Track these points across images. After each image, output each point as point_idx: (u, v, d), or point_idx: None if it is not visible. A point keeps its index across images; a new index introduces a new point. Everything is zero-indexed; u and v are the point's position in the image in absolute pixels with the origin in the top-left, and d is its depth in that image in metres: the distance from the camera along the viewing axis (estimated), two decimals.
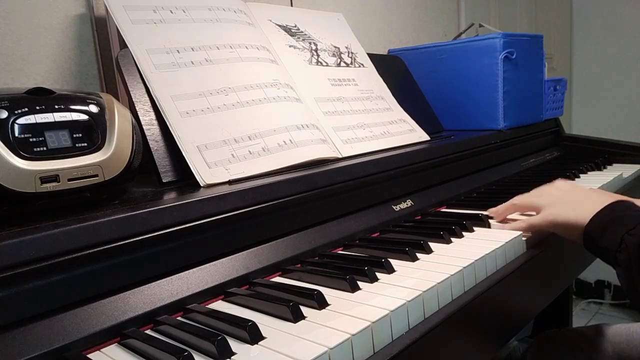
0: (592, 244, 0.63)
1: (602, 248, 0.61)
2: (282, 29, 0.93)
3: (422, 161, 0.86)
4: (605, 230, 0.61)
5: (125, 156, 0.56)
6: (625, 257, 0.57)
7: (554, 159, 1.31)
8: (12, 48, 0.76)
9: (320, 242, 0.67)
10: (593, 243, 0.63)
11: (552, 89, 1.33)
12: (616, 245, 0.59)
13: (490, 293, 0.58)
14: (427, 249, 0.65)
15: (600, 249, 0.61)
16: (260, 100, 0.76)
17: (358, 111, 0.92)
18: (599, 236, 0.61)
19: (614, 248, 0.59)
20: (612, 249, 0.59)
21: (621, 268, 0.58)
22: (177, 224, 0.53)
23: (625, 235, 0.58)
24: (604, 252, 0.61)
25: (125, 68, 0.70)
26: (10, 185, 0.48)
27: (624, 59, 2.41)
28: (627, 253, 0.57)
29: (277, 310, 0.49)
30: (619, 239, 0.58)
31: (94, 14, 0.84)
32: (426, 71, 1.21)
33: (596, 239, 0.62)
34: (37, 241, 0.44)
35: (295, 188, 0.65)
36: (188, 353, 0.41)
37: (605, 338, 0.86)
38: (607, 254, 0.61)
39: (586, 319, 2.16)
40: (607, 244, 0.60)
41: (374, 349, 0.45)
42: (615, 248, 0.59)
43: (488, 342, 0.62)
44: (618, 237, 0.59)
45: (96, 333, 0.45)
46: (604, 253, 0.61)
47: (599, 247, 0.61)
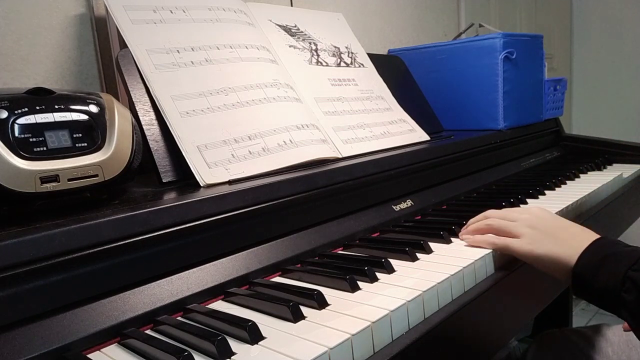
0: (585, 286, 0.56)
1: (598, 289, 0.55)
2: (282, 29, 0.93)
3: (422, 161, 0.86)
4: (600, 270, 0.55)
5: (125, 156, 0.56)
6: (634, 296, 0.52)
7: (554, 159, 1.31)
8: (12, 48, 0.76)
9: (320, 242, 0.67)
10: (586, 285, 0.56)
11: (552, 89, 1.33)
12: (619, 285, 0.53)
13: (490, 293, 0.58)
14: (427, 249, 0.65)
15: (597, 290, 0.55)
16: (260, 100, 0.76)
17: (358, 111, 0.92)
18: (593, 277, 0.55)
19: (617, 288, 0.53)
20: (614, 289, 0.53)
21: (630, 310, 0.52)
22: (177, 224, 0.53)
23: (629, 272, 0.52)
24: (602, 294, 0.55)
25: (125, 68, 0.70)
26: (10, 185, 0.48)
27: (624, 59, 2.41)
28: (636, 291, 0.51)
29: (277, 310, 0.49)
30: (621, 278, 0.53)
31: (94, 14, 0.84)
32: (426, 71, 1.21)
33: (590, 280, 0.56)
34: (37, 241, 0.44)
35: (295, 188, 0.65)
36: (188, 353, 0.41)
37: (605, 338, 0.86)
38: (606, 295, 0.55)
39: (586, 319, 2.16)
40: (606, 285, 0.54)
41: (374, 349, 0.45)
42: (619, 288, 0.53)
43: (488, 342, 0.62)
44: (619, 276, 0.53)
45: (96, 333, 0.45)
46: (602, 295, 0.55)
47: (595, 288, 0.55)
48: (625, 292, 0.52)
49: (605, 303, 0.56)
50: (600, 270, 0.55)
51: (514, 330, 0.83)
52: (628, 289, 0.52)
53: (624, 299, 0.53)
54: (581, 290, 0.57)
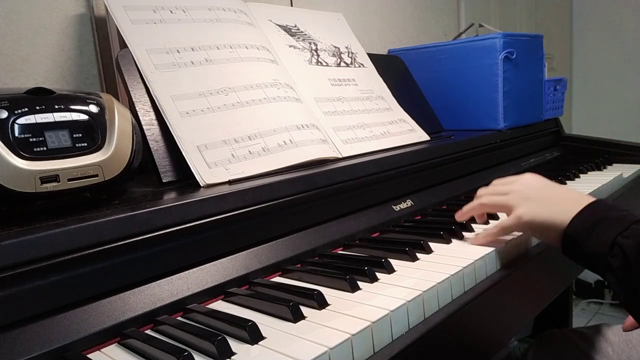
0: (574, 248, 0.57)
1: (587, 253, 0.55)
2: (282, 29, 0.93)
3: (422, 161, 0.86)
4: (590, 234, 0.55)
5: (125, 156, 0.56)
6: (620, 262, 0.52)
7: (554, 159, 1.31)
8: (12, 48, 0.76)
9: (320, 242, 0.67)
10: (575, 248, 0.57)
11: (552, 89, 1.33)
12: (607, 250, 0.53)
13: (490, 293, 0.58)
14: (427, 249, 0.65)
15: (585, 254, 0.56)
16: (260, 100, 0.76)
17: (358, 111, 0.92)
18: (583, 240, 0.56)
19: (604, 253, 0.53)
20: (601, 253, 0.54)
21: (615, 274, 0.53)
22: (177, 224, 0.53)
23: (618, 238, 0.53)
24: (590, 258, 0.55)
25: (125, 68, 0.70)
26: (10, 185, 0.48)
27: (624, 59, 2.41)
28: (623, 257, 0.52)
29: (277, 310, 0.49)
30: (610, 243, 0.53)
31: (94, 14, 0.84)
32: (426, 71, 1.21)
33: (580, 244, 0.56)
34: (37, 241, 0.44)
35: (295, 188, 0.65)
36: (188, 353, 0.41)
37: (605, 338, 0.86)
38: (594, 259, 0.55)
39: (586, 319, 2.16)
40: (595, 249, 0.54)
41: (374, 349, 0.45)
42: (607, 252, 0.53)
43: (488, 342, 0.62)
44: (608, 241, 0.53)
45: (96, 333, 0.45)
46: (590, 258, 0.56)
47: (584, 252, 0.56)
48: (612, 257, 0.53)
49: (592, 266, 0.56)
50: (590, 234, 0.55)
51: (514, 330, 0.83)
52: (615, 254, 0.53)
53: (610, 264, 0.53)
54: (571, 251, 0.58)
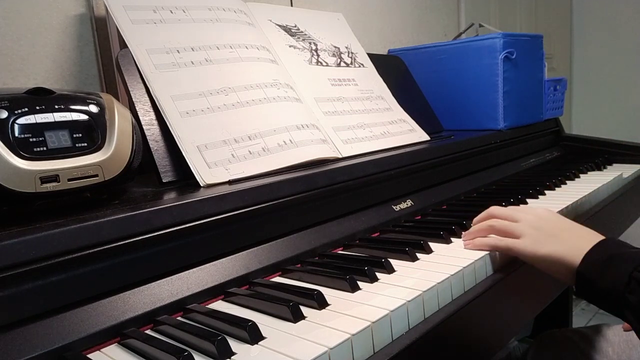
0: (589, 287, 0.56)
1: (602, 290, 0.54)
2: (282, 29, 0.93)
3: (422, 161, 0.86)
4: (605, 271, 0.54)
5: (125, 156, 0.56)
6: (639, 297, 0.51)
7: (554, 159, 1.31)
8: (12, 48, 0.76)
9: (320, 242, 0.67)
10: (590, 286, 0.56)
11: (552, 89, 1.33)
12: (623, 285, 0.52)
13: (490, 293, 0.58)
14: (427, 249, 0.65)
15: (601, 291, 0.55)
16: (260, 100, 0.76)
17: (358, 111, 0.92)
18: (597, 278, 0.54)
19: (621, 289, 0.52)
20: (618, 290, 0.53)
21: (634, 311, 0.52)
22: (177, 224, 0.53)
23: (634, 273, 0.52)
24: (607, 296, 0.54)
25: (125, 68, 0.70)
26: (10, 185, 0.48)
27: (623, 59, 2.41)
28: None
29: (277, 310, 0.49)
30: (626, 278, 0.52)
31: (94, 14, 0.84)
32: (426, 71, 1.21)
33: (594, 281, 0.55)
34: (37, 241, 0.44)
35: (295, 188, 0.65)
36: (188, 353, 0.41)
37: (605, 338, 0.86)
38: (611, 297, 0.54)
39: (586, 319, 2.16)
40: (610, 286, 0.53)
41: (374, 349, 0.45)
42: (623, 288, 0.52)
43: (488, 342, 0.62)
44: (624, 276, 0.52)
45: (96, 333, 0.45)
46: (607, 296, 0.54)
47: (599, 289, 0.55)
48: (630, 292, 0.52)
49: (608, 304, 0.55)
50: (605, 271, 0.54)
51: (514, 330, 0.83)
52: (633, 289, 0.51)
53: (628, 300, 0.52)
54: (585, 290, 0.57)
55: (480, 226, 0.67)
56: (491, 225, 0.66)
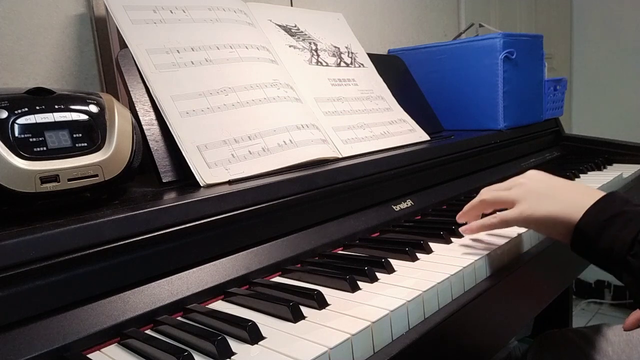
0: (587, 244, 0.54)
1: (602, 249, 0.52)
2: (282, 29, 0.93)
3: (422, 161, 0.86)
4: (606, 229, 0.51)
5: (125, 156, 0.56)
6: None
7: (554, 159, 1.31)
8: (12, 48, 0.76)
9: (320, 242, 0.67)
10: (588, 243, 0.53)
11: (552, 89, 1.33)
12: (626, 247, 0.50)
13: (491, 293, 0.58)
14: (427, 249, 0.65)
15: (600, 250, 0.52)
16: (260, 100, 0.76)
17: (358, 111, 0.92)
18: (597, 235, 0.52)
19: (623, 250, 0.50)
20: (620, 251, 0.50)
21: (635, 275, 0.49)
22: (177, 224, 0.53)
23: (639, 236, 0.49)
24: (605, 255, 0.52)
25: (125, 68, 0.70)
26: (10, 185, 0.48)
27: (624, 59, 2.41)
28: None
29: (277, 310, 0.49)
30: (630, 240, 0.49)
31: (94, 14, 0.84)
32: (426, 71, 1.21)
33: (593, 239, 0.53)
34: (37, 241, 0.44)
35: (295, 188, 0.65)
36: (188, 353, 0.41)
37: (605, 338, 0.86)
38: (610, 257, 0.52)
39: (586, 319, 2.16)
40: (611, 245, 0.51)
41: (374, 349, 0.45)
42: (625, 250, 0.50)
43: (488, 342, 0.62)
44: (628, 238, 0.50)
45: (96, 333, 0.45)
46: (605, 256, 0.52)
47: (598, 248, 0.52)
48: (633, 256, 0.49)
49: (607, 264, 0.53)
50: (606, 230, 0.52)
51: (514, 330, 0.83)
52: (636, 253, 0.49)
53: (630, 263, 0.49)
54: (582, 247, 0.54)
55: (471, 203, 0.66)
56: (483, 199, 0.64)
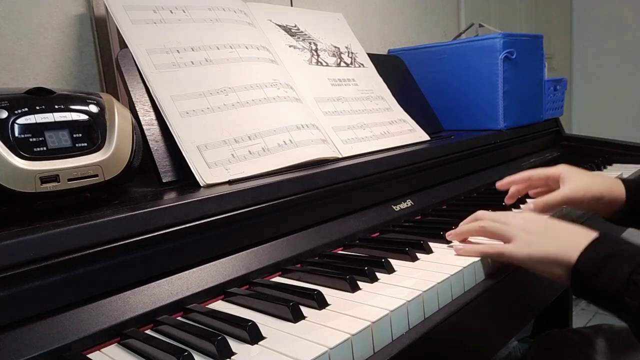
0: (586, 286, 0.54)
1: (600, 291, 0.53)
2: (282, 29, 0.93)
3: (422, 161, 0.86)
4: (602, 269, 0.52)
5: (125, 156, 0.56)
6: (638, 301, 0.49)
7: (554, 159, 1.30)
8: (12, 48, 0.76)
9: (320, 242, 0.67)
10: (587, 285, 0.54)
11: (552, 89, 1.33)
12: (622, 288, 0.50)
13: (491, 293, 0.58)
14: (427, 249, 0.65)
15: (598, 291, 0.53)
16: (260, 100, 0.76)
17: (358, 111, 0.92)
18: (594, 276, 0.53)
19: (620, 291, 0.51)
20: (617, 292, 0.51)
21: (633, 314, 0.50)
22: (177, 224, 0.53)
23: (633, 275, 0.50)
24: (604, 296, 0.53)
25: (125, 68, 0.70)
26: (10, 185, 0.48)
27: (624, 59, 2.41)
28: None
29: (277, 310, 0.49)
30: (625, 280, 0.50)
31: (94, 14, 0.84)
32: (426, 71, 1.21)
33: (591, 280, 0.53)
34: (37, 241, 0.44)
35: (295, 188, 0.65)
36: (188, 353, 0.41)
37: (605, 338, 0.86)
38: (609, 298, 0.52)
39: (586, 319, 2.16)
40: (609, 286, 0.52)
41: (374, 349, 0.45)
42: (622, 291, 0.50)
43: (488, 342, 0.62)
44: (623, 277, 0.50)
45: (96, 333, 0.45)
46: (604, 297, 0.53)
47: (596, 289, 0.53)
48: (629, 296, 0.50)
49: (606, 305, 0.54)
50: (602, 270, 0.52)
51: (514, 330, 0.83)
52: (632, 293, 0.50)
53: (627, 303, 0.50)
54: (581, 290, 0.55)
55: (470, 227, 0.65)
56: (482, 226, 0.64)
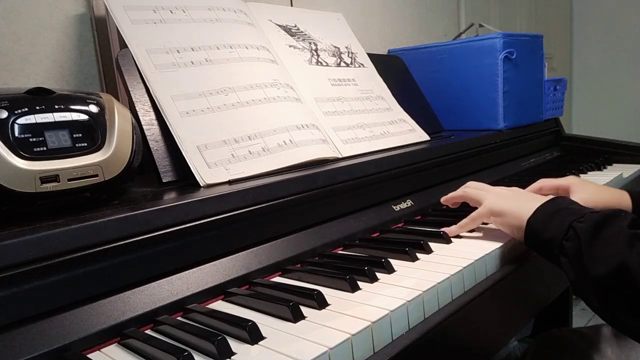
0: (535, 237, 0.60)
1: (546, 240, 0.58)
2: (282, 29, 0.93)
3: (422, 161, 0.86)
4: (550, 221, 0.58)
5: (125, 156, 0.56)
6: (573, 244, 0.54)
7: (554, 159, 1.31)
8: (12, 48, 0.76)
9: (320, 242, 0.67)
10: (536, 236, 0.60)
11: (552, 89, 1.33)
12: (563, 233, 0.56)
13: (490, 293, 0.58)
14: (427, 249, 0.65)
15: (544, 240, 0.58)
16: (260, 100, 0.76)
17: (358, 111, 0.92)
18: (543, 228, 0.59)
19: (560, 236, 0.56)
20: (557, 238, 0.56)
21: (568, 256, 0.55)
22: (177, 224, 0.53)
23: (573, 223, 0.55)
24: (548, 244, 0.58)
25: (125, 68, 0.70)
26: (11, 185, 0.48)
27: (623, 59, 2.41)
28: (576, 239, 0.54)
29: (277, 310, 0.49)
30: (566, 227, 0.56)
31: (94, 14, 0.84)
32: (426, 71, 1.21)
33: (540, 231, 0.59)
34: (37, 241, 0.44)
35: (296, 188, 0.65)
36: (188, 353, 0.41)
37: (604, 338, 0.86)
38: (551, 244, 0.57)
39: (586, 319, 2.16)
40: (552, 234, 0.57)
41: (374, 349, 0.45)
42: (562, 236, 0.56)
43: (488, 342, 0.62)
44: (565, 226, 0.56)
45: (96, 333, 0.45)
46: (548, 244, 0.58)
47: (543, 239, 0.59)
48: (567, 239, 0.55)
49: (549, 252, 0.59)
50: (550, 222, 0.59)
51: (514, 330, 0.83)
52: (570, 237, 0.55)
53: (564, 246, 0.55)
54: (532, 240, 0.61)
55: (455, 192, 0.77)
56: (465, 191, 0.75)
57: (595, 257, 0.51)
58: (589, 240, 0.53)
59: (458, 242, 0.69)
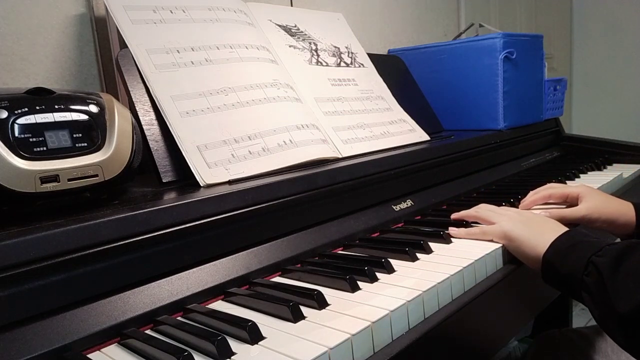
0: (553, 272, 0.59)
1: (564, 275, 0.57)
2: (282, 29, 0.93)
3: (422, 161, 0.86)
4: (567, 257, 0.57)
5: (125, 156, 0.56)
6: (594, 279, 0.54)
7: (554, 159, 1.31)
8: (12, 48, 0.76)
9: (320, 242, 0.67)
10: (553, 271, 0.59)
11: (552, 89, 1.33)
12: (582, 269, 0.55)
13: (490, 293, 0.58)
14: (427, 249, 0.65)
15: (563, 276, 0.58)
16: (260, 100, 0.76)
17: (358, 111, 0.92)
18: (561, 263, 0.58)
19: (580, 272, 0.55)
20: (577, 273, 0.56)
21: (590, 292, 0.54)
22: (177, 224, 0.53)
23: (592, 257, 0.55)
24: (567, 279, 0.57)
25: (125, 68, 0.70)
26: (10, 185, 0.48)
27: (624, 59, 2.42)
28: (597, 275, 0.53)
29: (277, 310, 0.49)
30: (585, 262, 0.55)
31: (94, 14, 0.84)
32: (426, 71, 1.21)
33: (557, 267, 0.58)
34: (37, 241, 0.44)
35: (296, 188, 0.65)
36: (188, 353, 0.41)
37: (604, 338, 0.86)
38: (571, 280, 0.57)
39: (586, 319, 2.16)
40: (571, 270, 0.56)
41: (374, 349, 0.45)
42: (582, 272, 0.55)
43: (488, 342, 0.62)
44: (583, 261, 0.55)
45: (96, 333, 0.45)
46: (567, 280, 0.57)
47: (561, 274, 0.58)
48: (587, 275, 0.55)
49: (569, 288, 0.58)
50: (567, 257, 0.58)
51: (514, 330, 0.83)
52: (590, 272, 0.55)
53: (585, 282, 0.55)
54: (549, 276, 0.60)
55: (468, 212, 0.75)
56: (477, 211, 0.74)
57: (619, 293, 0.51)
58: (611, 276, 0.52)
59: (458, 242, 0.69)
